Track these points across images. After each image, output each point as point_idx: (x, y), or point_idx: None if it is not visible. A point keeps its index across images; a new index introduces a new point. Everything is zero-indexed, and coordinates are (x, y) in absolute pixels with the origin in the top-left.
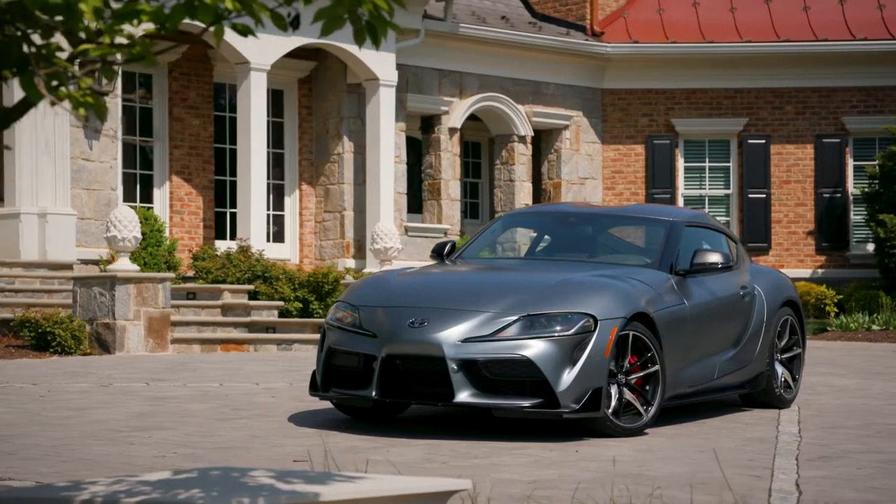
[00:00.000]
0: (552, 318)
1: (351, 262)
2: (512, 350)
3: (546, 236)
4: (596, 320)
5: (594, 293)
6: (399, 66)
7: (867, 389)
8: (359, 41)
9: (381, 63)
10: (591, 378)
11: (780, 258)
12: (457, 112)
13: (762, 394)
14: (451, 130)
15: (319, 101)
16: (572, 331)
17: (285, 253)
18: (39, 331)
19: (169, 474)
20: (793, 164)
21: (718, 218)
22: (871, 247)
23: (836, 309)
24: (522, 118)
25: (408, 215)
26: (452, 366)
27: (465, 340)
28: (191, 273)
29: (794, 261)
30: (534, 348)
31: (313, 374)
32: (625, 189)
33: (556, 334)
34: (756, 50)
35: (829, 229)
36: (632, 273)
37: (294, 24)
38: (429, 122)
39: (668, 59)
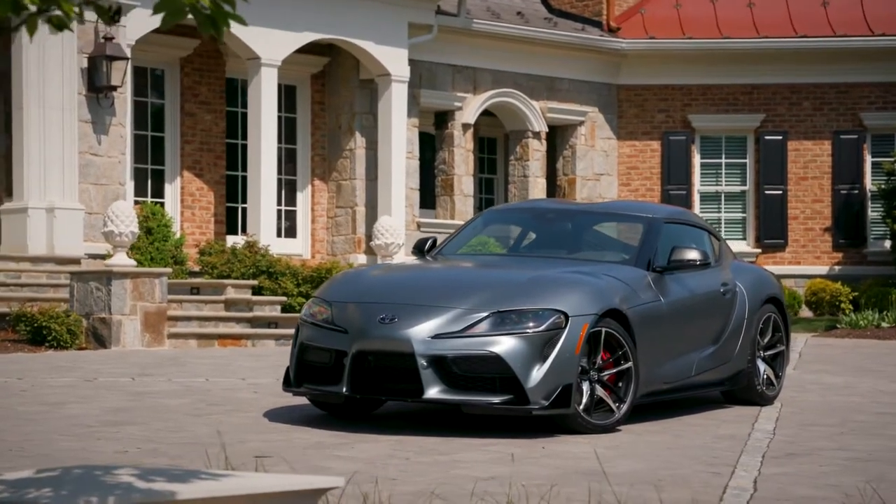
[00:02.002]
0: (522, 314)
1: (362, 258)
2: (481, 346)
3: (527, 233)
4: (567, 317)
5: (566, 290)
6: (412, 62)
7: (856, 387)
8: (203, 30)
9: (393, 59)
10: (561, 375)
11: (797, 255)
12: (470, 108)
13: (744, 391)
14: (465, 126)
15: (332, 96)
16: (543, 327)
17: (297, 248)
18: (35, 325)
19: (30, 473)
20: (810, 161)
21: (734, 215)
22: (888, 244)
23: (850, 306)
24: (537, 114)
25: (421, 211)
26: (422, 362)
27: (435, 336)
28: (197, 268)
29: (811, 257)
30: (503, 345)
31: (287, 369)
32: (640, 185)
33: (526, 331)
34: (773, 46)
35: (847, 226)
36: (607, 270)
37: (115, 17)
38: (442, 118)
39: (684, 55)
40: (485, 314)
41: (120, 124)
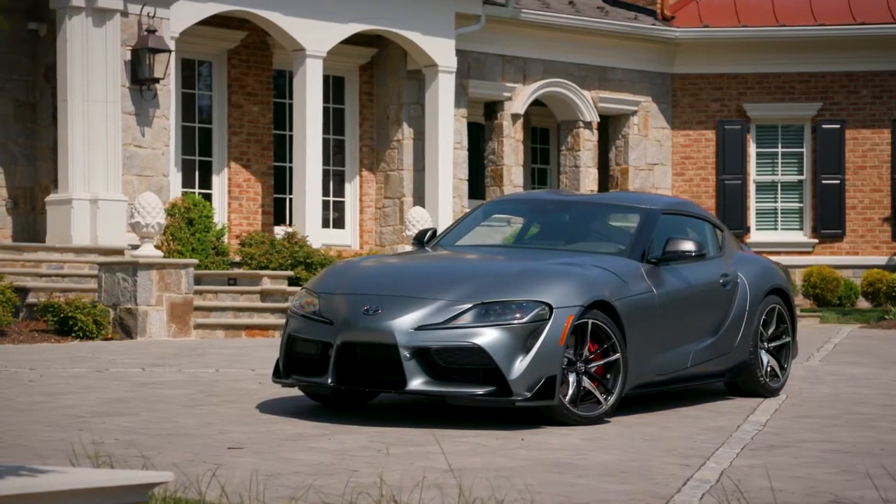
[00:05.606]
0: (506, 305)
1: (410, 248)
2: (464, 338)
3: (530, 224)
4: (551, 308)
5: (552, 281)
6: (460, 52)
7: (876, 379)
8: None
9: (440, 49)
10: (544, 366)
11: (855, 245)
12: (520, 98)
13: (746, 382)
14: (514, 116)
15: (380, 87)
16: (526, 319)
17: (346, 239)
18: (62, 316)
19: None
20: (868, 150)
21: (791, 205)
22: None
23: None
24: (588, 104)
25: (470, 201)
26: (405, 353)
27: (419, 328)
28: (238, 258)
29: (870, 247)
30: (486, 336)
31: (277, 360)
32: (695, 175)
33: (510, 322)
34: (831, 33)
35: None
36: (598, 261)
37: None
38: (492, 108)
39: (739, 43)
40: (468, 305)
41: (163, 116)
